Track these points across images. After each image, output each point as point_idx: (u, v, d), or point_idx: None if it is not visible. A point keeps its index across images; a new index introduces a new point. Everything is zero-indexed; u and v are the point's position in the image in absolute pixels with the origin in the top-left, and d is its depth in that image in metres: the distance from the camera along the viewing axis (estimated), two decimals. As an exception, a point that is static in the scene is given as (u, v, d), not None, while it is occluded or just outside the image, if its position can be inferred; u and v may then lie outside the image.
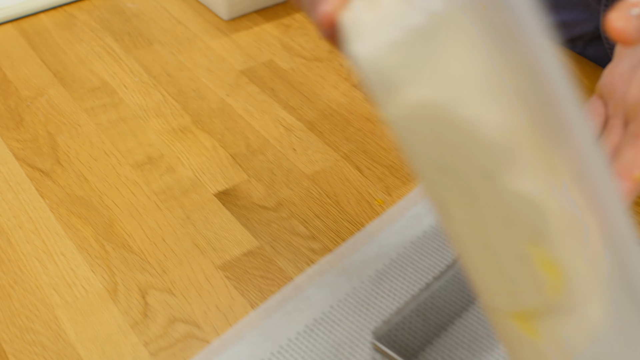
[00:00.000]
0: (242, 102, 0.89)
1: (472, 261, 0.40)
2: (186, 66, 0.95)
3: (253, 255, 0.71)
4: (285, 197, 0.77)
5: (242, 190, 0.78)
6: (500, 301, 0.40)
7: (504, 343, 0.43)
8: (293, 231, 0.73)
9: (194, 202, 0.76)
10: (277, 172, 0.80)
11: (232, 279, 0.69)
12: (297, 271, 0.69)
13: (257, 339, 0.64)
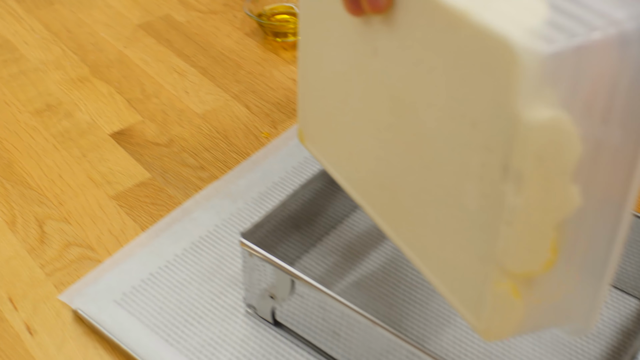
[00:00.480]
0: (139, 53, 0.94)
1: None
2: (86, 22, 0.99)
3: (145, 186, 0.76)
4: (177, 134, 0.82)
5: (136, 130, 0.82)
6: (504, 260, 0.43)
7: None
8: (183, 163, 0.78)
9: (90, 142, 0.81)
10: (170, 112, 0.85)
11: (125, 207, 0.74)
12: (186, 198, 0.74)
13: (146, 256, 0.69)
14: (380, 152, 0.51)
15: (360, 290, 0.66)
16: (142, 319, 0.63)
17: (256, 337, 0.62)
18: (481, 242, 0.43)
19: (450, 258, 0.46)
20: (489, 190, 0.41)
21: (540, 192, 0.39)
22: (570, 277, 0.45)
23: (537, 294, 0.44)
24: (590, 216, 0.42)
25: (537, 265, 0.42)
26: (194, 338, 0.62)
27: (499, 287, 0.42)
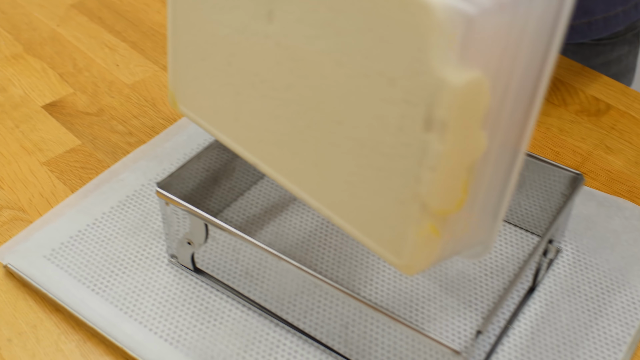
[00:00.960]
0: (72, 30, 0.97)
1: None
2: (20, 4, 1.02)
3: (75, 152, 0.79)
4: (107, 104, 0.85)
5: (68, 102, 0.86)
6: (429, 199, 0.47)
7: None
8: (112, 130, 0.82)
9: (23, 114, 0.84)
10: (101, 84, 0.88)
11: (56, 172, 0.77)
12: (115, 161, 0.78)
13: (74, 215, 0.72)
14: (279, 111, 0.53)
15: (278, 239, 0.71)
16: (69, 271, 0.67)
17: (178, 283, 0.66)
18: (401, 187, 0.46)
19: (365, 205, 0.50)
20: (409, 140, 0.44)
21: (459, 139, 0.43)
22: (474, 212, 0.49)
23: (449, 229, 0.48)
24: (492, 158, 0.47)
25: (452, 204, 0.46)
26: (119, 287, 0.66)
27: (421, 226, 0.46)
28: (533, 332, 0.64)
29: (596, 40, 1.02)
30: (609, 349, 0.62)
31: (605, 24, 0.99)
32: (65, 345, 0.62)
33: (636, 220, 0.72)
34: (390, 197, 0.47)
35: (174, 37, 0.60)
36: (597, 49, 1.03)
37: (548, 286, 0.67)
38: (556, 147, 0.82)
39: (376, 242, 0.50)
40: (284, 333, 0.63)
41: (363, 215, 0.50)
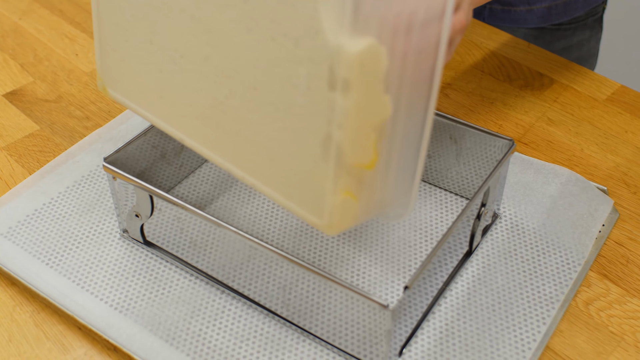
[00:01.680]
0: (33, 23, 1.00)
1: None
2: (-17, -1, 1.05)
3: (34, 137, 0.82)
4: (65, 91, 0.88)
5: (28, 90, 0.88)
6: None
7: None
8: (70, 115, 0.85)
9: (-17, 103, 0.87)
10: (60, 73, 0.91)
11: (14, 156, 0.80)
12: (72, 145, 0.81)
13: (31, 195, 0.75)
14: (199, 84, 0.55)
15: (226, 213, 0.73)
16: (25, 247, 0.69)
17: (129, 256, 0.69)
18: (315, 146, 0.49)
19: (285, 168, 0.53)
20: (318, 99, 0.47)
21: (362, 98, 0.46)
22: (390, 174, 0.52)
23: (366, 190, 0.51)
24: (400, 121, 0.50)
25: (364, 162, 0.49)
26: (72, 261, 0.69)
27: (337, 185, 0.49)
28: (469, 293, 0.66)
29: (557, 25, 1.03)
30: (542, 306, 0.65)
31: (565, 9, 1.01)
32: (20, 316, 0.65)
33: (572, 185, 0.75)
34: (306, 158, 0.50)
35: (99, 22, 0.62)
36: (558, 34, 1.04)
37: (485, 250, 0.70)
38: (499, 120, 0.84)
39: (298, 205, 0.53)
40: (229, 299, 0.65)
41: (284, 179, 0.53)
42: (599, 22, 1.08)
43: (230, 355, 0.61)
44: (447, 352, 0.62)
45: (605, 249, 0.71)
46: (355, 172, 0.49)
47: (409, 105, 0.50)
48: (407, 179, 0.53)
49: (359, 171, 0.49)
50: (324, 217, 0.51)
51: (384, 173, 0.51)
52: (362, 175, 0.50)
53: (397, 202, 0.54)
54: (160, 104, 0.60)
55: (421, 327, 0.63)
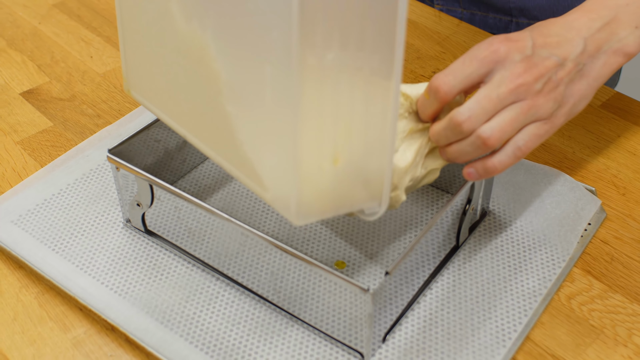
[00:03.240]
0: (52, 27, 1.04)
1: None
2: (5, 4, 1.10)
3: (47, 133, 0.86)
4: (79, 91, 0.92)
5: (44, 89, 0.93)
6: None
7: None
8: (82, 113, 0.89)
9: (1, 100, 0.91)
10: (75, 74, 0.95)
11: (28, 150, 0.84)
12: (83, 140, 0.85)
13: (41, 186, 0.79)
14: (193, 84, 0.60)
15: (224, 205, 0.77)
16: (33, 234, 0.73)
17: (130, 244, 0.73)
18: (286, 145, 0.52)
19: (265, 164, 0.56)
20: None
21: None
22: (357, 171, 0.55)
23: (331, 185, 0.54)
24: (362, 115, 0.53)
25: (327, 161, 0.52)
26: (77, 247, 0.72)
27: (301, 183, 0.52)
28: (454, 285, 0.69)
29: None
30: (525, 300, 0.68)
31: None
32: (25, 297, 0.68)
33: (560, 185, 0.77)
34: (280, 154, 0.53)
35: (122, 29, 0.67)
36: None
37: (473, 245, 0.72)
38: (495, 124, 0.87)
39: (273, 198, 0.56)
40: (223, 286, 0.69)
41: (267, 174, 0.56)
42: None
43: (222, 338, 0.64)
44: (429, 340, 0.64)
45: (591, 246, 0.73)
46: (319, 168, 0.52)
47: (367, 94, 0.52)
48: (377, 176, 0.56)
49: (324, 167, 0.53)
50: (291, 209, 0.54)
51: (349, 168, 0.54)
52: (327, 171, 0.53)
53: (369, 200, 0.57)
54: (170, 105, 0.64)
55: (405, 315, 0.66)
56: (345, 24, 0.48)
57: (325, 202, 0.55)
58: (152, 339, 0.64)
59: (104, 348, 0.64)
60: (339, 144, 0.52)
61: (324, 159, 0.52)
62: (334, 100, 0.51)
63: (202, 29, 0.56)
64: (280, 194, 0.55)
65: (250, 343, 0.64)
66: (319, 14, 0.47)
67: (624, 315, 0.66)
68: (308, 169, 0.52)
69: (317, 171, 0.53)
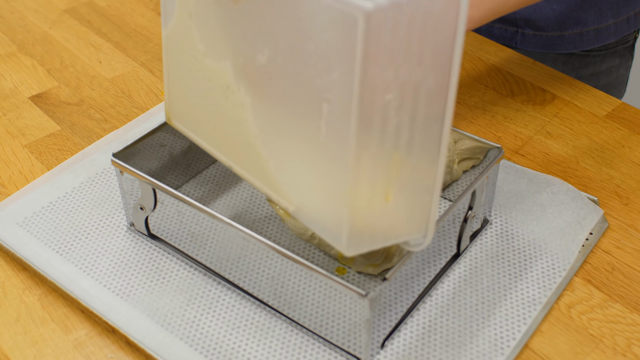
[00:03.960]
0: (62, 32, 1.05)
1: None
2: (17, 9, 1.11)
3: (54, 136, 0.87)
4: (87, 95, 0.93)
5: (52, 93, 0.94)
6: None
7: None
8: (90, 117, 0.90)
9: (11, 104, 0.92)
10: (83, 78, 0.96)
11: (35, 153, 0.85)
12: (90, 144, 0.85)
13: (48, 189, 0.80)
14: (233, 123, 0.61)
15: (227, 210, 0.77)
16: (38, 236, 0.74)
17: (133, 247, 0.73)
18: (338, 180, 0.53)
19: (313, 196, 0.57)
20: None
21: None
22: (405, 207, 0.56)
23: (381, 220, 0.55)
24: (414, 159, 0.53)
25: (379, 197, 0.53)
26: (81, 250, 0.73)
27: (353, 217, 0.53)
28: (454, 292, 0.69)
29: (586, 51, 1.05)
30: (525, 308, 0.68)
31: (596, 36, 1.02)
32: (29, 298, 0.69)
33: (562, 195, 0.77)
34: (330, 189, 0.55)
35: (167, 62, 0.68)
36: (587, 60, 1.06)
37: (474, 253, 0.73)
38: (499, 132, 0.87)
39: (321, 229, 0.57)
40: (224, 290, 0.69)
41: (311, 204, 0.57)
42: (629, 50, 1.08)
43: (222, 342, 0.65)
44: (427, 346, 0.64)
45: (592, 256, 0.73)
46: (372, 203, 0.54)
47: (420, 144, 0.53)
48: (424, 209, 0.56)
49: (375, 203, 0.54)
50: (342, 240, 0.55)
51: (399, 203, 0.55)
52: (379, 206, 0.54)
53: (415, 231, 0.58)
54: (213, 135, 0.65)
55: (404, 322, 0.66)
56: (405, 61, 0.49)
57: (375, 234, 0.56)
58: (152, 341, 0.65)
59: (105, 350, 0.65)
60: (391, 181, 0.53)
61: (376, 194, 0.53)
62: (390, 137, 0.52)
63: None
64: (332, 225, 0.55)
65: (250, 347, 0.64)
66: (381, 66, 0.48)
67: (624, 325, 0.66)
68: (361, 204, 0.53)
69: (369, 206, 0.54)
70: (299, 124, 0.55)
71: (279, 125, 0.57)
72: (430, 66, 0.50)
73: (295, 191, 0.58)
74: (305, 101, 0.54)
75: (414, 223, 0.57)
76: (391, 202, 0.54)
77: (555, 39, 1.02)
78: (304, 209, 0.58)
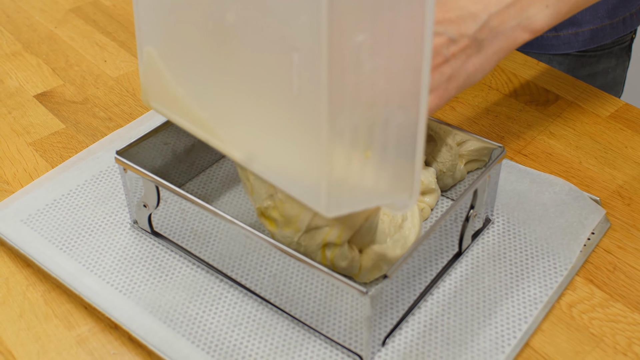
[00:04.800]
0: (68, 31, 1.06)
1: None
2: (23, 9, 1.12)
3: (59, 134, 0.87)
4: (92, 94, 0.94)
5: (57, 92, 0.94)
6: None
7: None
8: (94, 116, 0.90)
9: (16, 102, 0.93)
10: (88, 77, 0.97)
11: (40, 151, 0.85)
12: (94, 142, 0.86)
13: (52, 186, 0.80)
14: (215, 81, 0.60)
15: (230, 208, 0.78)
16: (42, 233, 0.74)
17: (136, 244, 0.74)
18: (313, 136, 0.52)
19: (288, 157, 0.56)
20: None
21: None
22: (387, 161, 0.55)
23: (361, 177, 0.54)
24: (395, 109, 0.52)
25: (358, 153, 0.52)
26: (84, 247, 0.73)
27: (332, 173, 0.52)
28: (456, 291, 0.69)
29: (582, 52, 1.05)
30: (526, 307, 0.68)
31: (592, 36, 1.03)
32: (32, 294, 0.69)
33: (565, 194, 0.78)
34: (307, 145, 0.53)
35: (139, 37, 0.66)
36: (583, 60, 1.06)
37: (475, 252, 0.73)
38: (502, 132, 0.87)
39: (299, 191, 0.56)
40: (226, 287, 0.69)
41: (286, 166, 0.56)
42: (626, 50, 1.09)
43: (224, 338, 0.65)
44: (428, 344, 0.65)
45: (594, 255, 0.73)
46: (350, 160, 0.52)
47: (400, 98, 0.52)
48: (406, 167, 0.55)
49: (354, 159, 0.53)
50: (321, 200, 0.53)
51: (380, 160, 0.54)
52: (358, 163, 0.53)
53: (399, 192, 0.56)
54: (190, 110, 0.63)
55: (405, 319, 0.66)
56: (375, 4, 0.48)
57: (355, 194, 0.54)
58: (155, 337, 0.65)
59: (107, 346, 0.65)
60: (370, 136, 0.52)
61: (354, 149, 0.52)
62: (366, 87, 0.50)
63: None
64: (310, 186, 0.54)
65: (251, 344, 0.65)
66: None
67: (625, 324, 0.66)
68: (339, 161, 0.51)
69: (348, 163, 0.52)
70: (271, 83, 0.53)
71: (249, 88, 0.56)
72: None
73: (271, 153, 0.57)
74: (274, 55, 0.52)
75: (397, 183, 0.55)
76: (371, 159, 0.53)
77: (550, 40, 1.03)
78: (282, 172, 0.56)
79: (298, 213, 0.63)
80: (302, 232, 0.63)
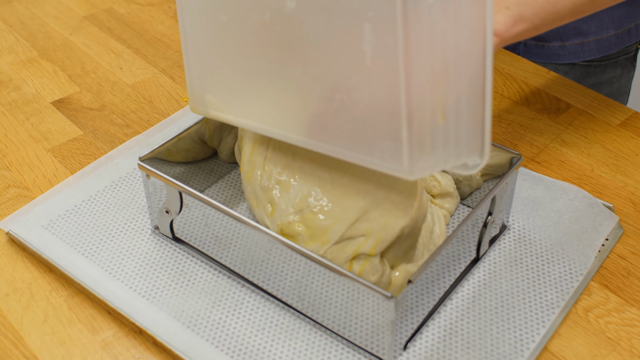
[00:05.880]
0: (83, 39, 1.07)
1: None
2: (38, 16, 1.13)
3: (77, 141, 0.88)
4: (109, 101, 0.95)
5: (74, 99, 0.95)
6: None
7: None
8: (112, 123, 0.91)
9: (33, 109, 0.94)
10: (105, 84, 0.98)
11: (58, 157, 0.86)
12: (112, 149, 0.87)
13: (72, 192, 0.81)
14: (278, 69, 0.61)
15: (251, 214, 0.79)
16: (64, 238, 0.75)
17: (158, 250, 0.75)
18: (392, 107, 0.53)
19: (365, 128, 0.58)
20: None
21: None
22: (459, 127, 0.56)
23: (438, 140, 0.56)
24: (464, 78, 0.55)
25: (433, 121, 0.54)
26: (106, 252, 0.74)
27: (412, 137, 0.54)
28: (474, 296, 0.70)
29: (588, 62, 1.06)
30: (543, 311, 0.69)
31: (597, 46, 1.04)
32: (55, 299, 0.70)
33: (579, 201, 0.79)
34: (385, 114, 0.55)
35: (185, 48, 0.67)
36: (589, 70, 1.07)
37: (492, 258, 0.74)
38: (515, 140, 0.89)
39: (378, 158, 0.57)
40: (249, 292, 0.70)
41: (362, 137, 0.58)
42: (631, 60, 1.10)
43: (247, 343, 0.66)
44: (449, 348, 0.66)
45: (608, 261, 0.74)
46: (427, 124, 0.54)
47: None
48: (478, 129, 0.57)
49: (430, 124, 0.54)
50: (404, 165, 0.55)
51: (454, 123, 0.55)
52: (435, 126, 0.55)
53: (471, 153, 0.58)
54: (254, 109, 0.65)
55: (426, 324, 0.67)
56: None
57: (433, 156, 0.56)
58: (179, 342, 0.66)
59: (132, 350, 0.66)
60: (444, 100, 0.54)
61: (431, 114, 0.53)
62: (438, 51, 0.52)
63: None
64: (390, 152, 0.55)
65: (275, 348, 0.65)
66: None
67: (641, 329, 0.68)
68: (418, 125, 0.53)
69: (426, 127, 0.54)
70: (340, 60, 0.55)
71: (315, 70, 0.57)
72: None
73: (346, 128, 0.58)
74: (343, 31, 0.53)
75: (470, 143, 0.57)
76: (446, 122, 0.55)
77: (556, 49, 1.04)
78: (358, 142, 0.58)
79: (331, 224, 0.64)
80: (332, 244, 0.64)
